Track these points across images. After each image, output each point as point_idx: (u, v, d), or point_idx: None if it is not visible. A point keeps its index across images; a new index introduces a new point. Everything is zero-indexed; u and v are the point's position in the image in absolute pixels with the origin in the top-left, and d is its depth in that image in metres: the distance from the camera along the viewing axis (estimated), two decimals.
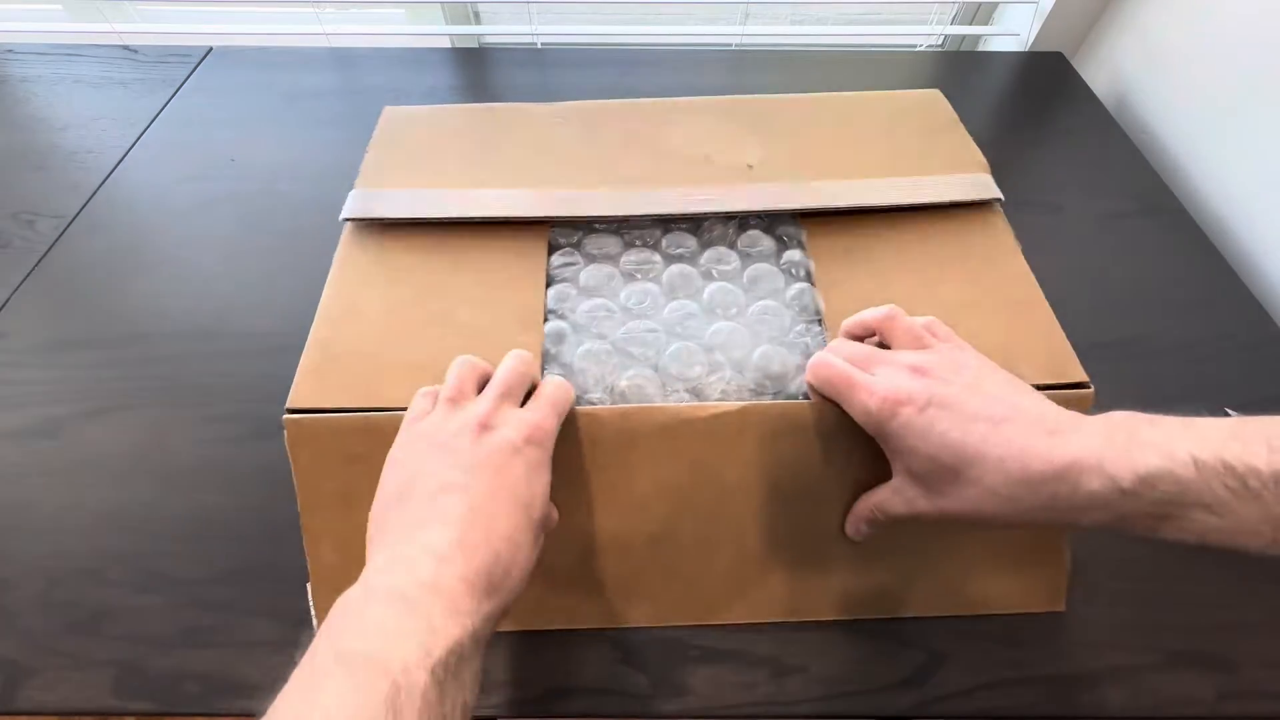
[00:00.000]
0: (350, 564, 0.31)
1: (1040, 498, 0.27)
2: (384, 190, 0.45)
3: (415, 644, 0.23)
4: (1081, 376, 0.36)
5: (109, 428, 0.45)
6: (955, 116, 0.52)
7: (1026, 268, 0.42)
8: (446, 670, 0.23)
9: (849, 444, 0.35)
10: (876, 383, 0.31)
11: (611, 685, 0.36)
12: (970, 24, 0.85)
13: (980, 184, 0.46)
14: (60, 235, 0.58)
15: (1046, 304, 0.39)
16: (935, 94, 0.54)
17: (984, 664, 0.36)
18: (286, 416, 0.34)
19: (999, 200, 0.45)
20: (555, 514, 0.33)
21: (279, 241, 0.57)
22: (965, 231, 0.44)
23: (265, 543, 0.40)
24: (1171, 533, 0.26)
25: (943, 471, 0.29)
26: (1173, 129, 0.66)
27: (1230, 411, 0.45)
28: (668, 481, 0.36)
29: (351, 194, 0.45)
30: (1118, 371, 0.36)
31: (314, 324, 0.38)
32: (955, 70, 0.76)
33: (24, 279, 0.54)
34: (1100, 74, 0.74)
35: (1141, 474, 0.25)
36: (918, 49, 0.85)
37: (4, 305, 0.53)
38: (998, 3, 0.82)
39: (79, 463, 0.44)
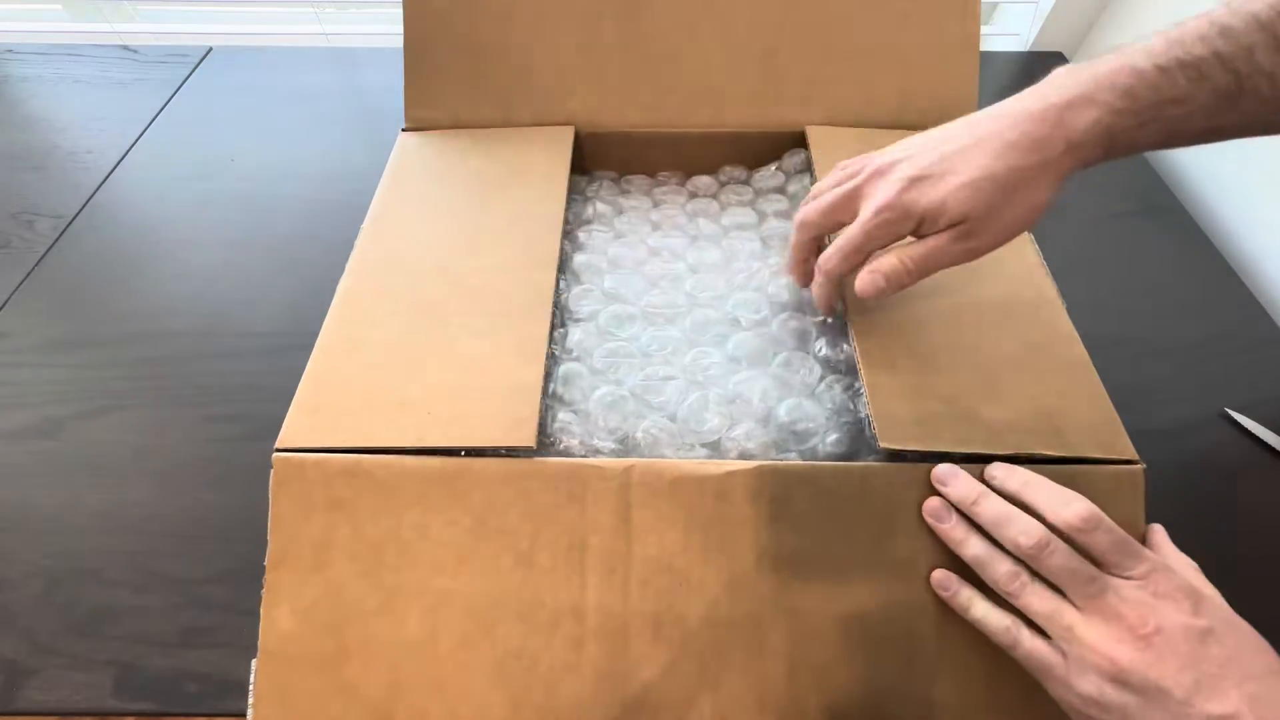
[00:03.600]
0: (309, 635, 0.31)
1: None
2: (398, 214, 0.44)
3: None
4: (1131, 454, 0.33)
5: (109, 428, 0.45)
6: None
7: (1072, 327, 0.38)
8: None
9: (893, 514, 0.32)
10: (1075, 676, 0.26)
11: None
12: None
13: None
14: (60, 235, 0.58)
15: (1093, 369, 0.36)
16: None
17: None
18: (276, 455, 0.33)
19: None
20: None
21: (279, 241, 0.57)
22: (1008, 280, 0.41)
23: (265, 542, 0.40)
24: (1153, 136, 0.31)
25: None
26: None
27: (1230, 411, 0.45)
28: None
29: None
30: (1116, 371, 0.35)
31: (312, 356, 0.37)
32: None
33: (24, 279, 0.54)
34: None
35: (1121, 89, 0.29)
36: None
37: (4, 305, 0.53)
38: (998, 3, 0.82)
39: (79, 463, 0.44)
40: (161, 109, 0.70)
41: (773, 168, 0.52)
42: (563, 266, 0.43)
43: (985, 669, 0.31)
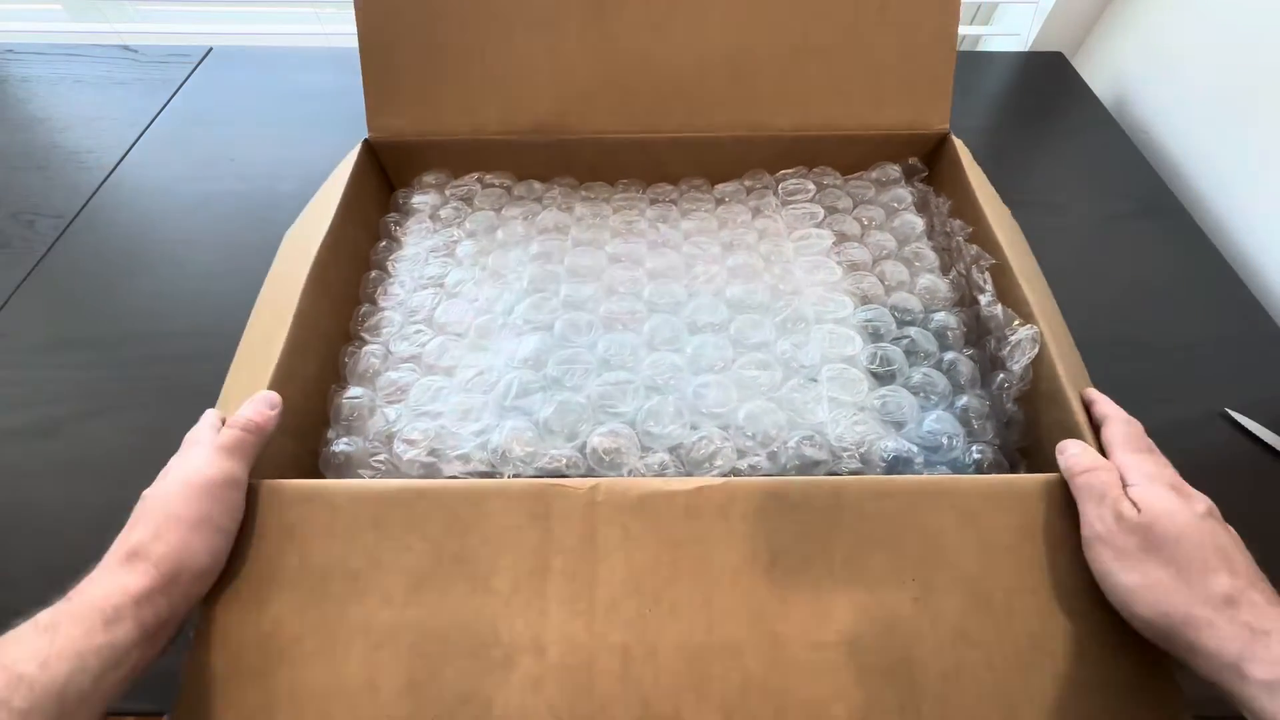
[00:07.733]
0: (239, 679, 0.28)
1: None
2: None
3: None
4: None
5: (109, 428, 0.45)
6: None
7: None
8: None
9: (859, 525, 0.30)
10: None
11: None
12: (970, 24, 0.85)
13: None
14: (60, 235, 0.57)
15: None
16: None
17: None
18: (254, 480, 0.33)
19: None
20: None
21: (278, 241, 0.57)
22: None
23: None
24: None
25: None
26: (1173, 129, 0.66)
27: (1230, 412, 0.45)
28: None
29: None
30: (1116, 371, 0.36)
31: (270, 379, 0.37)
32: (955, 70, 0.76)
33: (24, 279, 0.54)
34: (1100, 74, 0.74)
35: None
36: None
37: (4, 305, 0.53)
38: (998, 3, 0.82)
39: (79, 462, 0.44)
40: (161, 109, 0.70)
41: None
42: (519, 275, 0.43)
43: (1001, 702, 0.28)
